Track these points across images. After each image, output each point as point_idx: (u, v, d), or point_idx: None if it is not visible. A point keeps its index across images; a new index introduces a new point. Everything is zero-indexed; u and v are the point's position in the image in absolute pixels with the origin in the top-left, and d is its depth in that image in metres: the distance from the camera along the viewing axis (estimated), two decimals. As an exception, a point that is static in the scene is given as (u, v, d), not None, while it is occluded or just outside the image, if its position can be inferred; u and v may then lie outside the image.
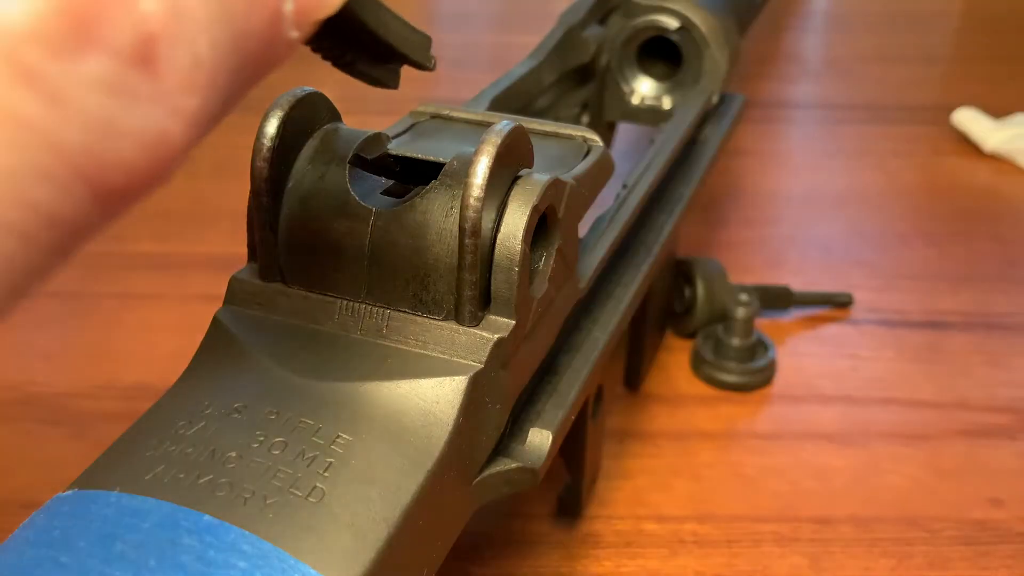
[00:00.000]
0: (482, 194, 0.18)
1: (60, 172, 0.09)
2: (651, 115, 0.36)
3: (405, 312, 0.19)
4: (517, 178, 0.19)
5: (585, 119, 0.37)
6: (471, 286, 0.18)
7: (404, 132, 0.24)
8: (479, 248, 0.18)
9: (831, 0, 0.76)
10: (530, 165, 0.20)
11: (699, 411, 0.33)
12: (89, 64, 0.09)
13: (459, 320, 0.19)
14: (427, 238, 0.19)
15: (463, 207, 0.18)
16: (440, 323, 0.19)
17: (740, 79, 0.53)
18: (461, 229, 0.18)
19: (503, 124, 0.19)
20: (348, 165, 0.20)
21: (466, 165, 0.18)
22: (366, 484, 0.17)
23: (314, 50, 0.16)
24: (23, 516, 0.16)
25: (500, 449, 0.21)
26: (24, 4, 0.09)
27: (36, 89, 0.09)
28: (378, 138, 0.21)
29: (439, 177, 0.19)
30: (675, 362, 0.35)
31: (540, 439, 0.21)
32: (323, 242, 0.19)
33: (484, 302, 0.19)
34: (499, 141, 0.18)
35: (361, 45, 0.16)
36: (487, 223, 0.18)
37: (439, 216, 0.19)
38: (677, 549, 0.28)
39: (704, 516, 0.29)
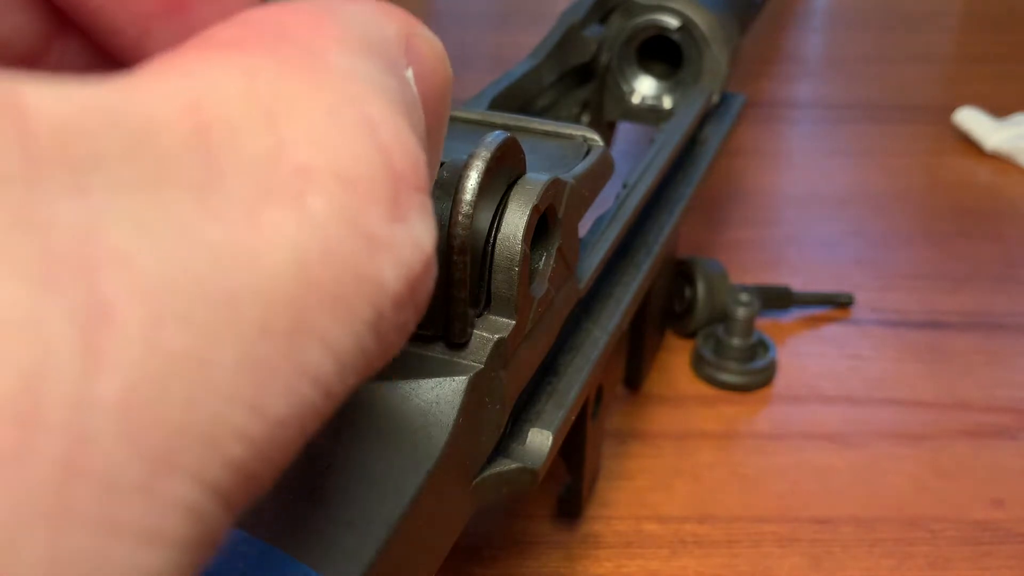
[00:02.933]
0: (471, 210, 0.17)
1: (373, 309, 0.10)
2: (651, 115, 0.36)
3: None
4: (513, 184, 0.19)
5: (585, 119, 0.37)
6: (461, 303, 0.18)
7: None
8: (469, 265, 0.18)
9: None
10: (522, 171, 0.20)
11: (699, 411, 0.33)
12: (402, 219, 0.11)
13: (448, 338, 0.19)
14: None
15: (452, 224, 0.17)
16: (425, 335, 0.19)
17: (740, 79, 0.53)
18: (450, 247, 0.18)
19: (493, 136, 0.18)
20: None
21: (456, 175, 0.18)
22: (366, 484, 0.17)
23: None
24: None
25: (500, 449, 0.21)
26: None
27: (370, 243, 0.10)
28: None
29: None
30: (675, 362, 0.35)
31: (540, 439, 0.21)
32: None
33: (475, 318, 0.19)
34: (489, 155, 0.18)
35: None
36: (477, 236, 0.18)
37: None
38: (678, 549, 0.28)
39: (705, 516, 0.29)
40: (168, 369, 0.08)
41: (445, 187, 0.19)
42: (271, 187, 0.10)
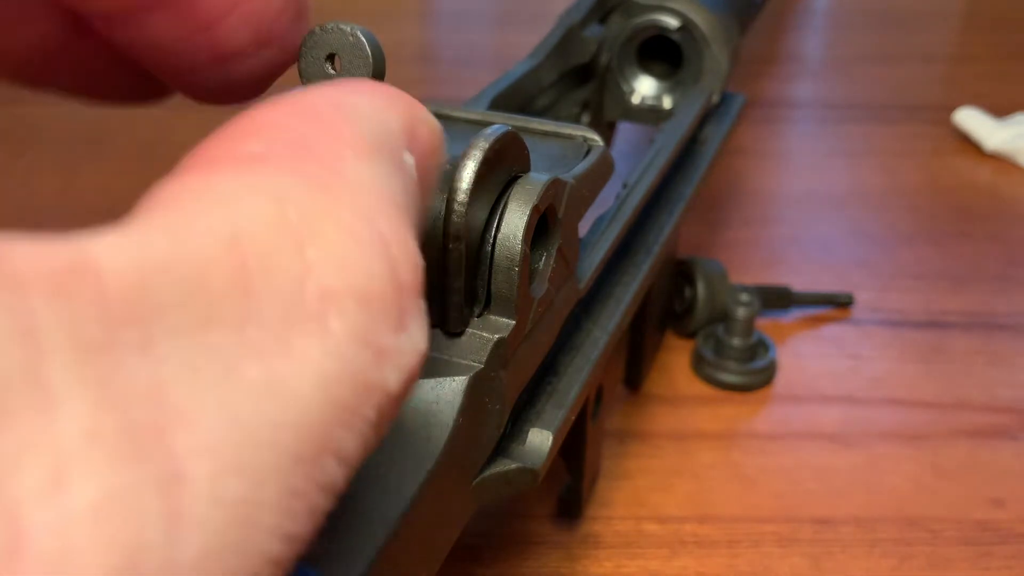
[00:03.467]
0: (467, 199, 0.18)
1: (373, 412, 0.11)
2: (651, 115, 0.36)
3: None
4: (515, 179, 0.19)
5: (585, 119, 0.37)
6: (456, 292, 0.18)
7: None
8: (464, 254, 0.18)
9: None
10: (526, 168, 0.20)
11: (699, 411, 0.33)
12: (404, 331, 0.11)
13: (445, 327, 0.19)
14: None
15: (447, 211, 0.18)
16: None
17: (740, 79, 0.53)
18: (445, 234, 0.18)
19: (494, 128, 0.18)
20: None
21: (454, 167, 0.18)
22: (366, 484, 0.17)
23: None
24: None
25: (500, 449, 0.21)
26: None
27: (379, 355, 0.11)
28: None
29: None
30: (675, 362, 0.35)
31: (540, 439, 0.21)
32: None
33: (472, 307, 0.19)
34: (487, 146, 0.18)
35: None
36: (474, 228, 0.18)
37: (429, 220, 0.19)
38: (678, 550, 0.28)
39: (705, 516, 0.29)
40: (229, 518, 0.09)
41: (445, 179, 0.19)
42: (300, 313, 0.10)
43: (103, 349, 0.08)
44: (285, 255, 0.10)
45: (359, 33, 0.16)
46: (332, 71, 0.16)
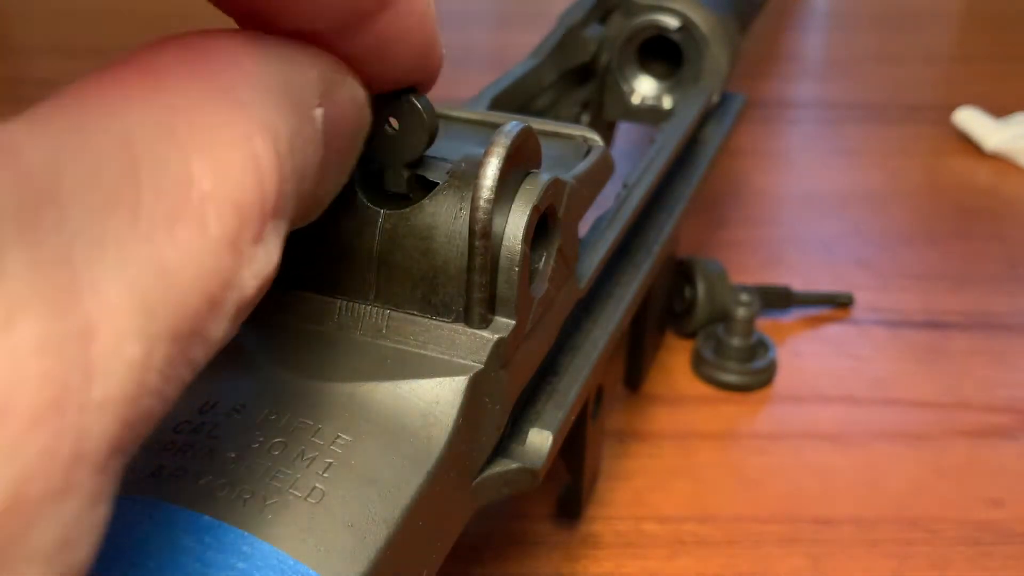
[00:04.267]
0: (492, 195, 0.18)
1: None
2: (651, 115, 0.36)
3: (413, 314, 0.19)
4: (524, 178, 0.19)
5: (585, 119, 0.37)
6: (481, 288, 0.18)
7: None
8: (489, 250, 0.18)
9: None
10: (538, 165, 0.20)
11: (699, 411, 0.33)
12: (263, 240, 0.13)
13: (468, 322, 0.19)
14: (436, 240, 0.19)
15: (473, 209, 0.18)
16: (441, 323, 0.19)
17: (741, 78, 0.53)
18: (471, 231, 0.18)
19: (512, 125, 0.18)
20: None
21: (475, 166, 0.18)
22: (366, 485, 0.17)
23: None
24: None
25: (500, 450, 0.21)
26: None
27: (240, 259, 0.13)
28: None
29: (447, 179, 0.19)
30: (675, 362, 0.35)
31: (540, 440, 0.21)
32: (331, 244, 0.19)
33: (493, 303, 0.19)
34: (508, 142, 0.18)
35: None
36: (498, 225, 0.18)
37: (448, 218, 0.19)
38: (677, 550, 0.28)
39: (705, 517, 0.29)
40: (128, 375, 0.11)
41: (464, 177, 0.19)
42: (184, 211, 0.12)
43: (32, 220, 0.10)
44: (172, 160, 0.12)
45: (413, 99, 0.18)
46: (391, 130, 0.18)
